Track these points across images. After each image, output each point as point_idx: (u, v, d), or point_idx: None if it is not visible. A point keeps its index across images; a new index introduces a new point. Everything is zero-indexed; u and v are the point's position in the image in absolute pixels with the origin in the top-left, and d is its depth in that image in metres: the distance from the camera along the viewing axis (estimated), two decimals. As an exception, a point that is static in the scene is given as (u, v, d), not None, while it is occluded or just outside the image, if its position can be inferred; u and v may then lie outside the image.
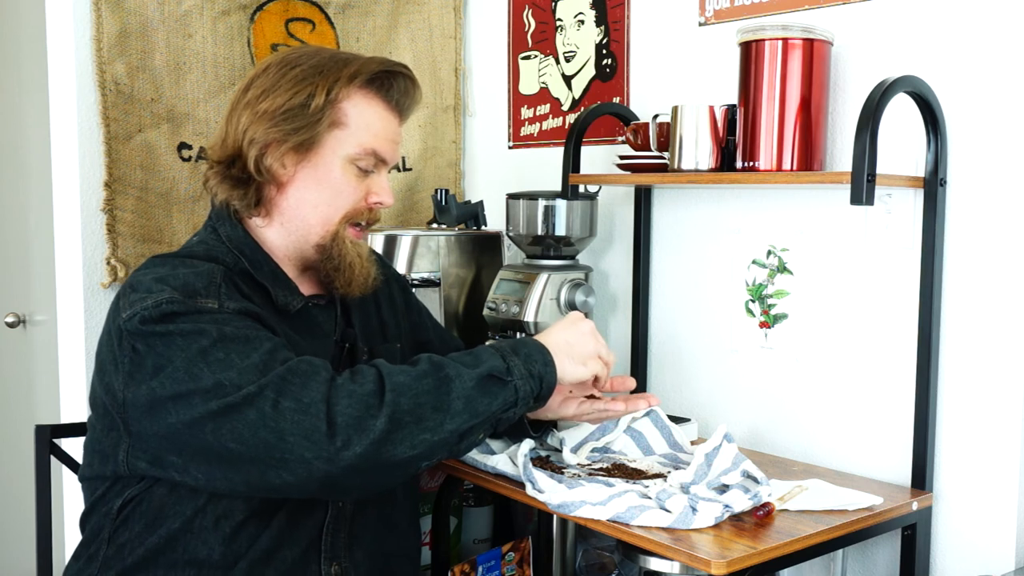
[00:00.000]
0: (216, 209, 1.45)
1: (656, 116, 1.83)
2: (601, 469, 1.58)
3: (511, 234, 2.12)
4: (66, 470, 1.73)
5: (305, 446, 1.19)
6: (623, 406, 1.55)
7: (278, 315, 1.40)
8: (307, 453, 1.19)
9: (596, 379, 1.45)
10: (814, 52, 1.62)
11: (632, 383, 1.58)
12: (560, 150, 2.09)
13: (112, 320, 1.32)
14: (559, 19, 2.30)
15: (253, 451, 1.20)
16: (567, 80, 2.29)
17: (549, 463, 1.61)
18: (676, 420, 1.80)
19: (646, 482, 1.51)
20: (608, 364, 1.44)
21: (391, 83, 1.44)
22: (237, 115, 1.40)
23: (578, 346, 1.40)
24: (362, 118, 1.42)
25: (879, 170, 1.47)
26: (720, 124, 1.71)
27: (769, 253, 1.88)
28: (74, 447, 1.74)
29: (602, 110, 2.03)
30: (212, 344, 1.23)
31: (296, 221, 1.43)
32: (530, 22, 2.38)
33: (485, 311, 2.08)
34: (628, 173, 1.88)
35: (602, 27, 2.19)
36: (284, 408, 1.20)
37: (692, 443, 1.75)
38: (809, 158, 1.64)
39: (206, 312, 1.27)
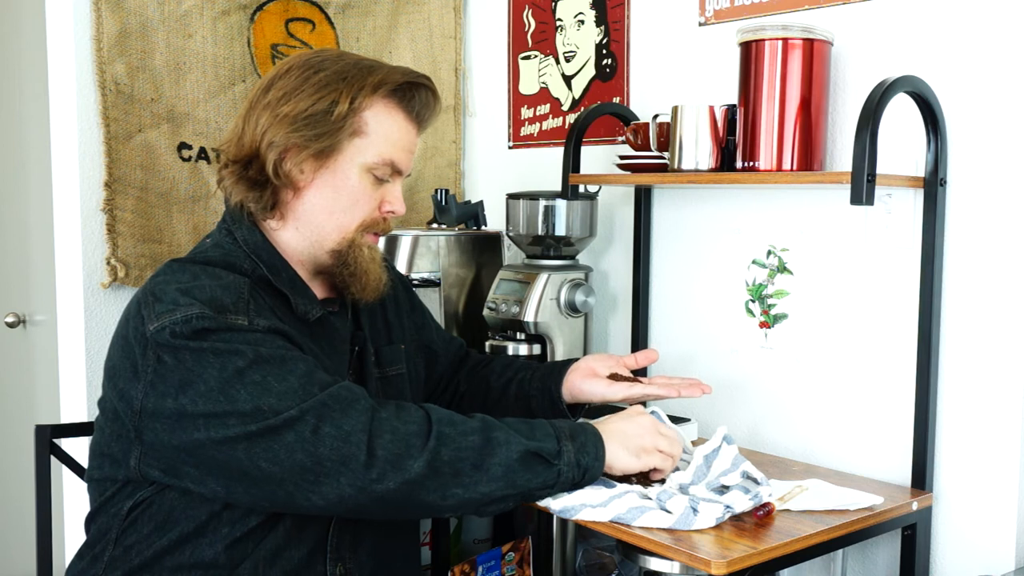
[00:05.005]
0: (231, 210, 1.44)
1: (656, 116, 1.83)
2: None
3: (511, 234, 2.12)
4: (66, 470, 1.72)
5: (341, 472, 1.21)
6: (674, 392, 1.59)
7: (297, 324, 1.40)
8: (342, 479, 1.21)
9: (655, 470, 1.45)
10: (814, 52, 1.62)
11: (655, 355, 1.64)
12: (560, 150, 2.09)
13: (131, 327, 1.30)
14: (559, 19, 2.30)
15: (286, 473, 1.22)
16: (567, 80, 2.30)
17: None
18: (676, 420, 1.80)
19: (645, 484, 1.51)
20: (673, 457, 1.44)
21: (413, 94, 1.44)
22: (256, 115, 1.39)
23: (634, 438, 1.41)
24: (383, 128, 1.41)
25: (879, 170, 1.47)
26: (720, 124, 1.71)
27: (769, 253, 1.88)
28: (74, 447, 1.74)
29: (602, 110, 2.03)
30: (248, 365, 1.23)
31: (311, 226, 1.42)
32: (530, 22, 2.38)
33: (485, 311, 2.08)
34: (628, 173, 1.88)
35: (602, 27, 2.19)
36: (324, 434, 1.21)
37: (692, 443, 1.75)
38: (809, 158, 1.64)
39: (238, 330, 1.27)
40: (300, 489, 1.22)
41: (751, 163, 1.65)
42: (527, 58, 2.40)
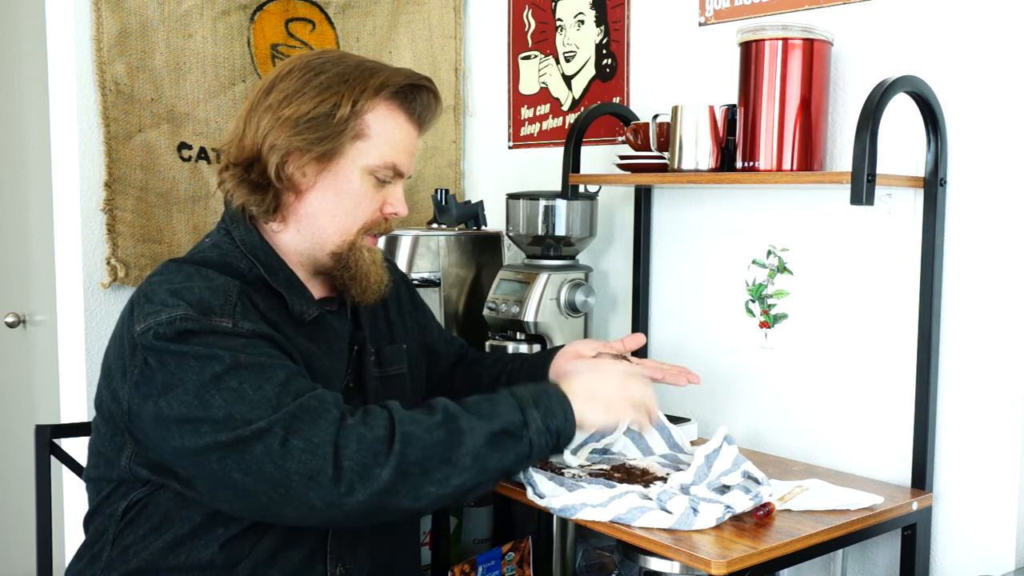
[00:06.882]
0: (230, 211, 1.44)
1: (656, 116, 1.83)
2: (601, 472, 1.58)
3: (511, 234, 2.12)
4: (66, 470, 1.72)
5: (310, 486, 1.20)
6: (659, 375, 1.58)
7: (294, 323, 1.40)
8: (311, 493, 1.20)
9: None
10: (814, 52, 1.62)
11: (641, 339, 1.64)
12: (560, 150, 2.09)
13: (124, 327, 1.31)
14: (559, 19, 2.30)
15: (258, 484, 1.21)
16: (567, 80, 2.29)
17: (549, 463, 1.61)
18: (676, 420, 1.80)
19: (646, 483, 1.51)
20: (647, 403, 1.44)
21: (415, 96, 1.43)
22: (257, 117, 1.38)
23: (603, 392, 1.39)
24: (385, 130, 1.41)
25: (879, 170, 1.47)
26: (720, 124, 1.71)
27: (769, 253, 1.88)
28: (74, 447, 1.74)
29: (602, 110, 2.03)
30: (226, 371, 1.23)
31: (313, 228, 1.42)
32: (530, 22, 2.38)
33: (485, 311, 2.08)
34: (628, 173, 1.88)
35: (602, 27, 2.19)
36: (292, 447, 1.20)
37: (692, 443, 1.75)
38: (809, 158, 1.64)
39: (220, 333, 1.26)
40: (273, 502, 1.22)
41: (751, 163, 1.65)
42: (527, 58, 2.40)
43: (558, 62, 2.31)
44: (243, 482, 1.21)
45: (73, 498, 2.15)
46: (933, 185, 1.59)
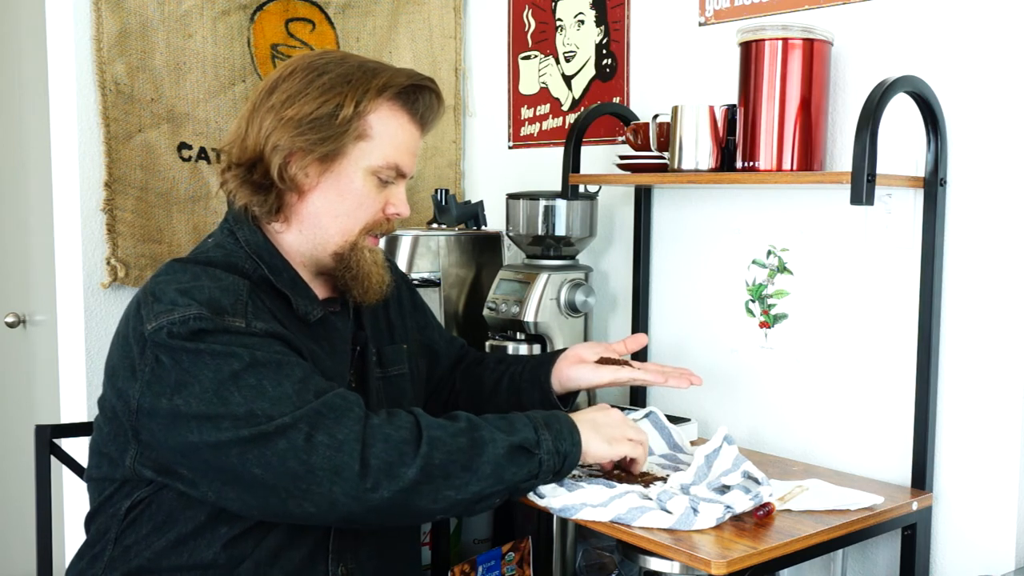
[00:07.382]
0: (234, 212, 1.44)
1: (656, 116, 1.83)
2: (601, 471, 1.58)
3: (511, 234, 2.12)
4: (66, 470, 1.72)
5: (334, 481, 1.21)
6: (662, 379, 1.60)
7: (298, 324, 1.40)
8: (335, 488, 1.21)
9: (632, 461, 1.49)
10: (814, 52, 1.62)
11: (643, 340, 1.69)
12: (560, 150, 2.09)
13: (131, 326, 1.31)
14: (559, 19, 2.30)
15: (278, 480, 1.21)
16: (567, 80, 2.30)
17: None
18: (675, 420, 1.80)
19: (646, 483, 1.51)
20: (643, 444, 1.47)
21: (417, 97, 1.44)
22: (260, 118, 1.38)
23: (606, 427, 1.43)
24: (387, 131, 1.41)
25: (879, 170, 1.47)
26: (720, 124, 1.71)
27: (769, 253, 1.88)
28: (74, 447, 1.74)
29: (602, 110, 2.03)
30: (244, 368, 1.23)
31: (315, 229, 1.42)
32: (530, 22, 2.38)
33: (485, 311, 2.08)
34: (628, 173, 1.88)
35: (602, 27, 2.19)
36: (317, 442, 1.21)
37: (692, 443, 1.75)
38: (809, 158, 1.64)
39: (235, 332, 1.27)
40: (292, 497, 1.22)
41: (751, 163, 1.65)
42: (527, 58, 2.40)
43: (558, 62, 2.31)
44: (262, 477, 1.22)
45: (73, 498, 2.15)
46: (933, 185, 1.59)
